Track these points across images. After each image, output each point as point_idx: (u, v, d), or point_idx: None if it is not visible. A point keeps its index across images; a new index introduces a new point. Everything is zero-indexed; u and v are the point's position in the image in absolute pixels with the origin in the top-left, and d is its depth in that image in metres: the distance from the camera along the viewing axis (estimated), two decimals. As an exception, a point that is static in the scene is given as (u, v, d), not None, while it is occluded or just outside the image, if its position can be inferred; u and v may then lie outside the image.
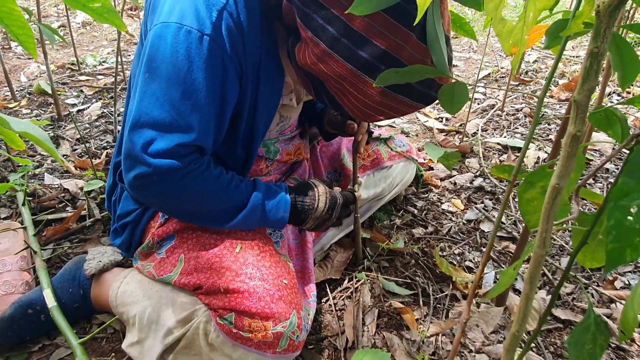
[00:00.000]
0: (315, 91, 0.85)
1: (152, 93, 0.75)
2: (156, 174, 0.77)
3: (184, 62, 0.74)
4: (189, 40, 0.74)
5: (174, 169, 0.77)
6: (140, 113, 0.76)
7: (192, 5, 0.74)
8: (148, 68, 0.76)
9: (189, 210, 0.86)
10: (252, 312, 0.80)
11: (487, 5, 0.55)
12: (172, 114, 0.75)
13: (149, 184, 0.79)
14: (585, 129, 0.43)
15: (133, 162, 0.78)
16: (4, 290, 1.01)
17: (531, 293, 0.50)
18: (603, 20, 0.39)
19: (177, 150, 0.76)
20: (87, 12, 0.45)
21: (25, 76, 2.43)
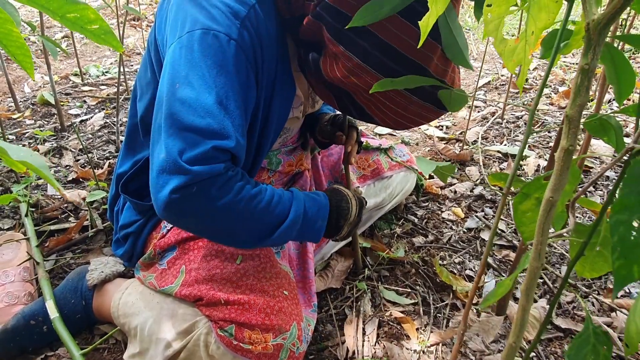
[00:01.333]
0: (340, 103, 0.86)
1: (183, 101, 0.73)
2: (196, 182, 0.71)
3: (214, 66, 0.73)
4: (217, 44, 0.73)
5: (213, 175, 0.72)
6: (173, 121, 0.73)
7: (217, 14, 0.75)
8: (176, 77, 0.74)
9: (226, 227, 0.78)
10: (253, 324, 0.80)
11: (487, 26, 0.56)
12: (207, 119, 0.72)
13: (188, 198, 0.72)
14: (576, 144, 0.43)
15: (169, 174, 0.72)
16: (7, 302, 1.01)
17: (527, 304, 0.51)
18: (593, 38, 0.40)
19: (214, 155, 0.73)
20: (85, 34, 0.47)
21: (28, 87, 2.45)
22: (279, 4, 0.83)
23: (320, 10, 0.74)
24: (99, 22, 0.46)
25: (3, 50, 0.57)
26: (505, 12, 0.54)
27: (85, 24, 0.46)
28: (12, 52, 0.51)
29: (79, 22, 0.46)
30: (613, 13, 0.38)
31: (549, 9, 0.53)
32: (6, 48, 0.51)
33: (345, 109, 0.87)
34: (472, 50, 3.34)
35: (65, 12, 0.45)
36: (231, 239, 0.81)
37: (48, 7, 0.44)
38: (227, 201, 0.74)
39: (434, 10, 0.50)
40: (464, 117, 2.20)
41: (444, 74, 0.78)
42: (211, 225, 0.77)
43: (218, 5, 0.75)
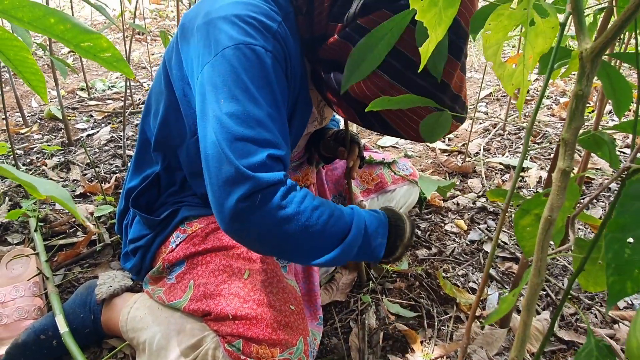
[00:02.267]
0: (363, 118, 0.87)
1: (231, 114, 0.73)
2: (260, 190, 0.71)
3: (255, 78, 0.75)
4: (255, 55, 0.75)
5: (275, 182, 0.73)
6: (226, 135, 0.73)
7: (251, 29, 0.77)
8: (218, 93, 0.75)
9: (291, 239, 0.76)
10: (260, 339, 0.82)
11: (486, 51, 0.58)
12: (257, 129, 0.74)
13: (252, 207, 0.71)
14: (572, 165, 0.45)
15: (233, 184, 0.71)
16: (17, 316, 1.03)
17: (529, 320, 0.52)
18: (586, 66, 0.42)
19: (270, 164, 0.73)
20: (98, 62, 0.49)
21: (36, 102, 2.49)
22: (300, 24, 0.86)
23: (350, 31, 0.78)
24: (111, 50, 0.48)
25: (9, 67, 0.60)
26: (503, 38, 0.56)
27: (98, 52, 0.48)
28: (27, 77, 0.54)
29: (92, 51, 0.48)
30: (604, 43, 0.40)
31: (545, 34, 0.55)
32: (21, 74, 0.53)
33: (368, 124, 0.89)
34: (473, 62, 3.37)
35: (80, 42, 0.47)
36: (291, 253, 0.79)
37: (63, 36, 0.47)
38: (290, 211, 0.74)
39: (433, 36, 0.52)
40: (465, 129, 2.22)
41: (460, 90, 0.83)
42: (273, 238, 0.75)
43: (250, 21, 0.78)
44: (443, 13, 0.53)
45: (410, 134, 0.87)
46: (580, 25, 0.42)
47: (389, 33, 0.58)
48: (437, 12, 0.53)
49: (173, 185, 1.03)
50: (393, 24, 0.57)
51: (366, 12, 0.76)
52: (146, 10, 4.80)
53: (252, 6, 0.80)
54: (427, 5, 0.50)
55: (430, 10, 0.51)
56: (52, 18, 0.50)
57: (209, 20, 0.80)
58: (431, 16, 0.52)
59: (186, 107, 0.90)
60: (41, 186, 0.29)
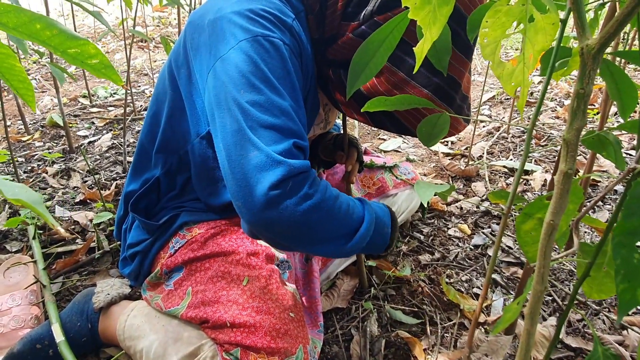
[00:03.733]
0: (374, 118, 0.87)
1: (253, 103, 0.72)
2: (291, 176, 0.69)
3: (275, 69, 0.74)
4: (274, 47, 0.75)
5: (305, 169, 0.71)
6: (253, 123, 0.71)
7: (267, 23, 0.77)
8: (237, 84, 0.73)
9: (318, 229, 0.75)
10: (258, 347, 0.80)
11: (484, 50, 0.56)
12: (282, 118, 0.73)
13: (284, 196, 0.69)
14: (575, 167, 0.43)
15: (262, 171, 0.69)
16: (14, 325, 1.02)
17: (532, 328, 0.50)
18: (587, 63, 0.40)
19: (296, 152, 0.72)
20: (86, 68, 0.48)
21: (38, 109, 2.50)
22: (310, 24, 0.86)
23: (367, 28, 0.78)
24: (99, 57, 0.47)
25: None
26: (502, 35, 0.54)
27: (85, 59, 0.47)
28: (15, 85, 0.52)
29: (79, 57, 0.47)
30: (606, 38, 0.38)
31: (545, 31, 0.54)
32: (9, 82, 0.52)
33: (380, 124, 0.88)
34: (476, 65, 3.36)
35: (67, 48, 0.46)
36: (319, 244, 0.77)
37: (50, 43, 0.45)
38: (318, 199, 0.73)
39: (428, 36, 0.51)
40: (469, 132, 2.20)
41: (468, 90, 0.84)
42: (304, 226, 0.73)
43: (266, 15, 0.78)
44: (437, 11, 0.52)
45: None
46: (581, 21, 0.40)
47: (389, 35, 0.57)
48: (430, 10, 0.51)
49: (173, 189, 1.02)
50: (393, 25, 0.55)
51: (385, 9, 0.76)
52: (148, 17, 4.82)
53: (265, 2, 0.80)
54: (420, 3, 0.48)
55: (424, 8, 0.50)
56: (37, 24, 0.49)
57: (222, 15, 0.79)
58: (425, 14, 0.51)
59: (191, 106, 0.89)
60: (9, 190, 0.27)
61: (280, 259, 0.99)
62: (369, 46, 0.54)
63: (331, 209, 0.75)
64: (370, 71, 0.56)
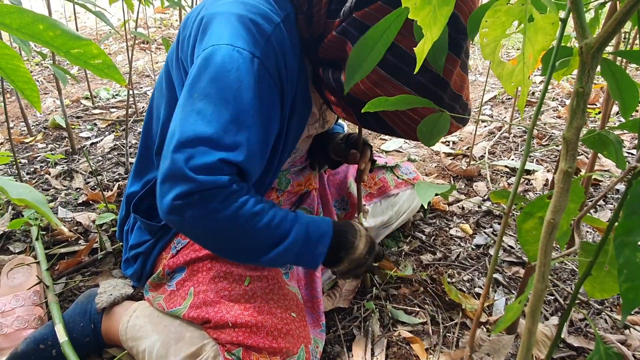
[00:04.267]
0: (361, 118, 0.86)
1: (198, 111, 0.74)
2: (199, 191, 0.72)
3: (234, 81, 0.74)
4: (240, 60, 0.75)
5: (217, 186, 0.73)
6: (185, 130, 0.74)
7: (243, 31, 0.77)
8: (195, 88, 0.75)
9: (225, 240, 0.80)
10: (260, 347, 0.80)
11: (484, 49, 0.56)
12: (219, 131, 0.73)
13: (189, 206, 0.73)
14: (575, 165, 0.43)
15: (174, 181, 0.73)
16: (17, 326, 1.02)
17: (533, 327, 0.50)
18: (587, 61, 0.40)
19: (220, 167, 0.73)
20: (89, 68, 0.48)
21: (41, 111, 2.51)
22: (300, 24, 0.85)
23: (347, 25, 0.77)
24: (102, 57, 0.47)
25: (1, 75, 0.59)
26: (501, 35, 0.54)
27: (88, 59, 0.47)
28: (20, 87, 0.53)
29: (82, 57, 0.47)
30: (605, 37, 0.38)
31: (545, 31, 0.54)
32: (14, 83, 0.52)
33: (366, 124, 0.88)
34: (477, 65, 3.36)
35: (70, 48, 0.46)
36: (228, 252, 0.83)
37: (52, 43, 0.46)
38: (227, 214, 0.76)
39: (428, 36, 0.51)
40: (470, 132, 2.20)
41: (461, 89, 0.81)
42: (209, 236, 0.80)
43: (246, 22, 0.77)
44: (438, 11, 0.52)
45: (409, 133, 0.85)
46: (580, 20, 0.40)
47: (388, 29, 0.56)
48: (431, 11, 0.51)
49: None
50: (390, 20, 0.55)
51: (362, 5, 0.75)
52: (150, 19, 4.83)
53: (250, 7, 0.80)
54: (420, 3, 0.49)
55: (424, 9, 0.50)
56: (41, 24, 0.49)
57: (206, 15, 0.81)
58: (425, 14, 0.51)
59: None
60: (13, 190, 0.27)
61: (281, 259, 0.99)
62: (367, 41, 0.54)
63: (244, 225, 0.78)
64: (367, 66, 0.56)
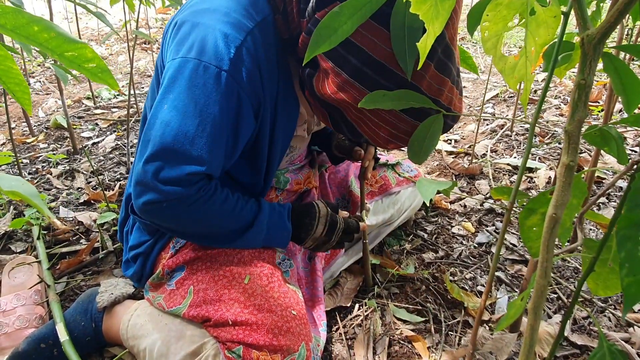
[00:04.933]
0: (333, 121, 0.86)
1: (167, 123, 0.77)
2: (166, 200, 0.79)
3: (201, 96, 0.77)
4: (206, 75, 0.76)
5: (183, 196, 0.79)
6: (155, 142, 0.78)
7: (212, 41, 0.77)
8: (165, 99, 0.78)
9: (194, 231, 0.90)
10: (260, 345, 0.80)
11: (485, 44, 0.56)
12: (186, 145, 0.77)
13: (158, 210, 0.81)
14: (577, 159, 0.43)
15: (144, 188, 0.80)
16: (19, 325, 1.02)
17: (536, 324, 0.50)
18: (588, 53, 0.39)
19: (187, 179, 0.78)
20: (83, 72, 0.48)
21: (43, 111, 2.51)
22: (279, 25, 0.84)
23: (311, 26, 0.75)
24: (96, 61, 0.47)
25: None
26: (503, 29, 0.53)
27: (82, 63, 0.47)
28: (11, 88, 0.52)
29: (76, 61, 0.47)
30: (607, 28, 0.38)
31: (547, 24, 0.53)
32: (5, 85, 0.52)
33: (338, 127, 0.87)
34: (479, 63, 3.35)
35: (64, 51, 0.46)
36: (200, 240, 0.93)
37: (47, 45, 0.45)
38: (193, 214, 0.83)
39: (431, 30, 0.50)
40: (472, 131, 2.19)
41: (438, 93, 0.76)
42: (179, 229, 0.89)
43: (215, 33, 0.77)
44: (440, 5, 0.51)
45: (376, 140, 0.84)
46: (581, 11, 0.40)
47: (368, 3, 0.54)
48: (433, 5, 0.51)
49: None
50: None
51: (322, 5, 0.73)
52: (152, 19, 4.84)
53: (222, 15, 0.79)
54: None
55: (426, 3, 0.49)
56: (36, 26, 0.49)
57: (179, 21, 0.83)
58: (427, 9, 0.50)
59: None
60: (6, 183, 0.27)
61: (281, 258, 0.99)
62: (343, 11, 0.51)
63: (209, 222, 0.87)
64: (336, 38, 0.53)
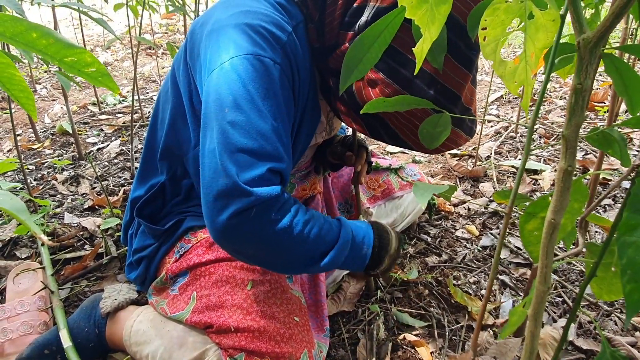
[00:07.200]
0: (370, 128, 0.87)
1: (234, 124, 0.73)
2: (256, 205, 0.71)
3: (262, 90, 0.74)
4: (264, 67, 0.75)
5: (273, 196, 0.73)
6: (227, 145, 0.73)
7: (260, 40, 0.77)
8: (223, 102, 0.74)
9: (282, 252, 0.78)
10: (263, 352, 0.79)
11: (485, 49, 0.55)
12: (260, 141, 0.73)
13: (246, 221, 0.72)
14: (575, 164, 0.42)
15: (228, 198, 0.71)
16: (23, 331, 1.03)
17: (536, 330, 0.49)
18: (584, 57, 0.39)
19: (269, 177, 0.74)
20: (83, 77, 0.48)
21: (49, 117, 2.53)
22: (310, 33, 0.86)
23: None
24: (95, 65, 0.47)
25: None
26: (502, 34, 0.53)
27: (82, 67, 0.47)
28: (16, 95, 0.53)
29: (76, 66, 0.47)
30: (603, 31, 0.37)
31: (546, 28, 0.53)
32: (9, 91, 0.53)
33: (376, 135, 0.88)
34: (483, 65, 3.34)
35: (63, 57, 0.46)
36: (283, 265, 0.81)
37: (46, 51, 0.46)
38: (284, 225, 0.75)
39: (427, 35, 0.50)
40: (476, 133, 2.19)
41: (470, 103, 0.82)
42: (266, 250, 0.77)
43: (260, 31, 0.77)
44: (435, 10, 0.51)
45: (418, 144, 0.85)
46: (577, 15, 0.39)
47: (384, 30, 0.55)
48: (428, 9, 0.50)
49: (178, 195, 1.02)
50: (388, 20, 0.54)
51: (378, 18, 0.74)
52: (156, 25, 4.87)
53: (263, 15, 0.80)
54: (417, 2, 0.48)
55: (420, 7, 0.49)
56: (34, 33, 0.49)
57: (219, 27, 0.79)
58: (422, 13, 0.50)
59: (192, 114, 0.90)
60: (-6, 197, 0.27)
61: (285, 263, 0.99)
62: (364, 41, 0.53)
63: (300, 233, 0.76)
64: (363, 67, 0.55)
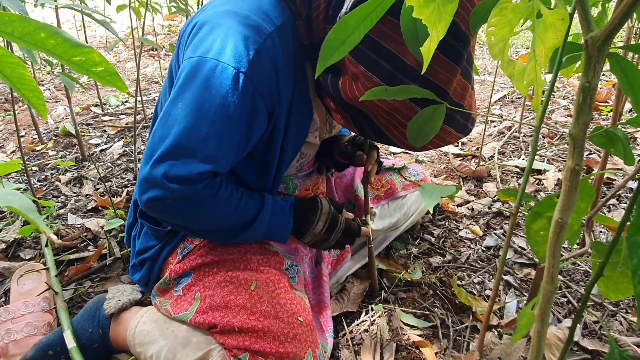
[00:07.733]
0: (357, 124, 0.87)
1: (180, 121, 0.77)
2: (171, 198, 0.78)
3: (216, 97, 0.76)
4: (223, 76, 0.76)
5: (188, 194, 0.78)
6: (167, 139, 0.77)
7: (232, 43, 0.77)
8: (180, 97, 0.78)
9: (197, 226, 0.88)
10: (267, 352, 0.79)
11: (492, 49, 0.55)
12: (198, 144, 0.76)
13: (162, 206, 0.80)
14: (582, 163, 0.42)
15: (150, 184, 0.78)
16: (27, 332, 1.03)
17: (543, 330, 0.49)
18: (592, 55, 0.39)
19: (195, 178, 0.78)
20: (91, 76, 0.48)
21: (52, 119, 2.54)
22: (300, 31, 0.85)
23: None
24: (103, 65, 0.47)
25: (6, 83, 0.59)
26: (509, 34, 0.53)
27: (90, 67, 0.47)
28: (26, 95, 0.53)
29: (84, 65, 0.47)
30: (611, 29, 0.37)
31: (555, 27, 0.52)
32: (19, 91, 0.53)
33: (362, 131, 0.87)
34: (486, 65, 3.33)
35: (71, 56, 0.46)
36: (203, 235, 0.93)
37: (54, 51, 0.46)
38: (198, 213, 0.83)
39: (434, 35, 0.50)
40: (479, 133, 2.18)
41: (462, 98, 0.79)
42: (182, 224, 0.87)
43: (235, 34, 0.77)
44: (442, 9, 0.51)
45: (404, 142, 0.84)
46: (585, 13, 0.39)
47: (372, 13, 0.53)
48: (435, 9, 0.50)
49: None
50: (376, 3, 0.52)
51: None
52: (159, 26, 4.88)
53: (242, 18, 0.80)
54: (424, 1, 0.48)
55: (428, 7, 0.49)
56: (42, 32, 0.49)
57: (199, 22, 0.83)
58: (430, 12, 0.50)
59: None
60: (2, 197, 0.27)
61: (288, 264, 0.99)
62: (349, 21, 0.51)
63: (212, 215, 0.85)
64: (344, 48, 0.54)
